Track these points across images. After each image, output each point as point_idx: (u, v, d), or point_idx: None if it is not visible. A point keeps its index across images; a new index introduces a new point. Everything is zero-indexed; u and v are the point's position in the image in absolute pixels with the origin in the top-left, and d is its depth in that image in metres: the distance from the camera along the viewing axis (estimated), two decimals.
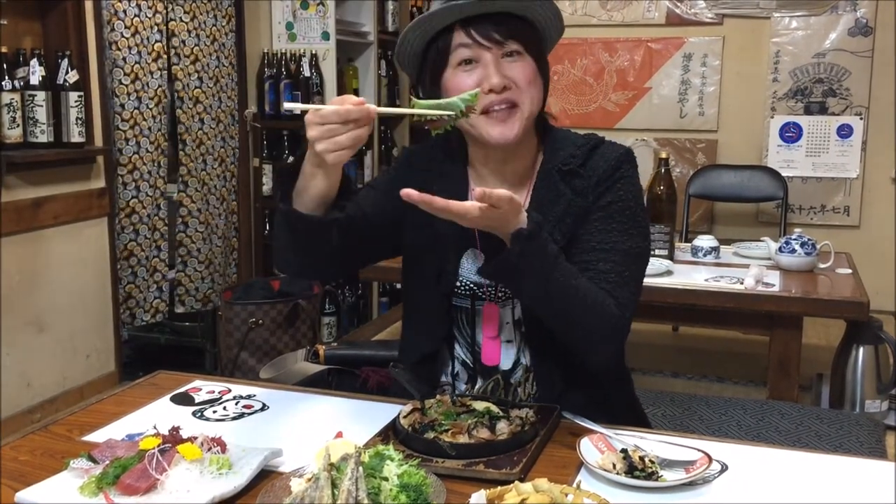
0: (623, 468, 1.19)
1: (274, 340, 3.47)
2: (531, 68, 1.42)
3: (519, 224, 1.30)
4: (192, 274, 3.97)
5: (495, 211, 1.25)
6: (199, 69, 3.94)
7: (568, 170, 1.46)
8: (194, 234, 3.96)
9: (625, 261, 1.42)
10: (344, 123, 1.26)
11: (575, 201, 1.45)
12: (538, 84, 1.44)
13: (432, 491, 1.08)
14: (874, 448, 2.15)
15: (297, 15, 4.37)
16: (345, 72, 4.64)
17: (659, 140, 5.26)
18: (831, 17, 4.87)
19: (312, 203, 1.37)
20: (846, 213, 5.00)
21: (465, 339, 1.54)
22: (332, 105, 1.26)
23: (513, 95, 1.40)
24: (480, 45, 1.40)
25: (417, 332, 1.58)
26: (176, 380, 1.64)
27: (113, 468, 1.14)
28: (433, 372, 1.57)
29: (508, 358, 1.52)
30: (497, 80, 1.39)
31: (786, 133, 4.99)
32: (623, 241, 1.42)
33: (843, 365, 3.08)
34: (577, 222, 1.44)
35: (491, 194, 1.22)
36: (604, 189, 1.44)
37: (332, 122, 1.25)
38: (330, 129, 1.26)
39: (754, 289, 2.65)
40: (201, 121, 3.98)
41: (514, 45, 1.41)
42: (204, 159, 3.99)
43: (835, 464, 1.30)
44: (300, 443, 1.31)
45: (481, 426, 1.27)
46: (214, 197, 4.08)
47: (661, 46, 5.20)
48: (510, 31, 1.40)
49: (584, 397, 1.48)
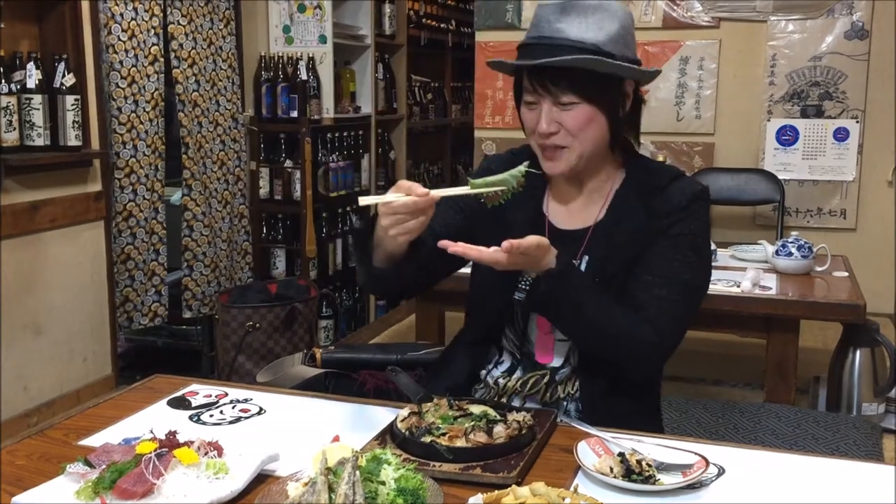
0: (620, 472, 1.20)
1: (271, 344, 3.47)
2: (584, 115, 1.50)
3: (549, 264, 1.43)
4: (198, 278, 3.97)
5: (523, 257, 1.38)
6: (196, 72, 3.94)
7: (646, 193, 1.56)
8: (199, 238, 3.96)
9: (680, 291, 1.52)
10: (412, 213, 1.36)
11: (648, 224, 1.54)
12: (595, 126, 1.52)
13: (429, 495, 1.08)
14: (871, 451, 2.15)
15: (294, 18, 4.37)
16: (342, 75, 4.64)
17: (656, 143, 5.27)
18: (828, 20, 4.88)
19: (388, 256, 1.48)
20: (843, 216, 5.00)
21: (517, 332, 1.62)
22: (400, 196, 1.35)
23: (559, 140, 1.52)
24: (538, 93, 1.51)
25: (477, 320, 1.68)
26: (173, 383, 1.64)
27: (109, 473, 1.14)
28: (484, 356, 1.65)
29: (560, 355, 1.60)
30: (545, 126, 1.51)
31: (782, 136, 5.00)
32: (684, 272, 1.53)
33: (839, 368, 3.08)
34: (645, 244, 1.54)
35: (519, 245, 1.35)
36: (676, 220, 1.54)
37: (401, 213, 1.35)
38: (399, 218, 1.36)
39: (751, 292, 2.65)
40: (199, 124, 3.98)
41: (568, 96, 1.49)
42: (204, 163, 3.99)
43: (832, 467, 1.30)
44: (297, 447, 1.31)
45: (478, 430, 1.27)
46: (216, 200, 4.07)
47: (658, 49, 5.20)
48: (565, 85, 1.49)
49: (622, 405, 1.55)
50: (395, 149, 5.22)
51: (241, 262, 4.25)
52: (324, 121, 4.40)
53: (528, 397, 1.60)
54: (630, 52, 1.52)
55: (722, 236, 4.70)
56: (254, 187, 4.36)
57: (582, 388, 1.57)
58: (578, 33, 1.47)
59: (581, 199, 1.62)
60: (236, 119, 4.20)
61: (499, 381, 1.61)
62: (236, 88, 4.21)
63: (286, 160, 4.31)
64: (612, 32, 1.49)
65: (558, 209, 1.64)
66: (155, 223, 3.80)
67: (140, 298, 3.78)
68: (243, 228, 4.26)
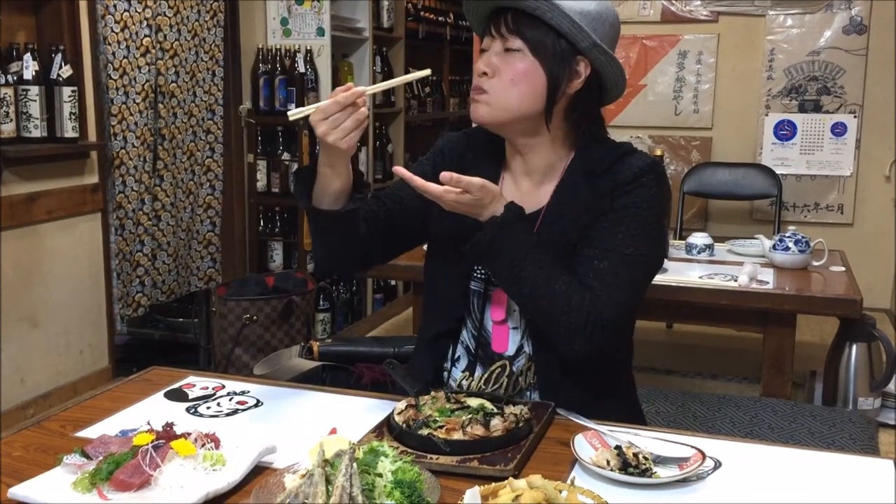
0: (617, 465, 1.20)
1: (268, 337, 3.46)
2: (522, 65, 1.46)
3: (495, 211, 1.42)
4: (161, 267, 3.94)
5: (468, 196, 1.38)
6: (176, 64, 3.91)
7: (592, 171, 1.51)
8: (165, 228, 3.93)
9: (623, 263, 1.45)
10: (343, 110, 1.38)
11: (593, 203, 1.49)
12: (528, 81, 1.47)
13: (426, 487, 1.08)
14: (867, 445, 2.15)
15: (292, 10, 4.36)
16: (340, 68, 4.63)
17: (654, 137, 5.27)
18: (826, 15, 4.88)
19: (331, 200, 1.48)
20: (840, 210, 5.01)
21: (474, 323, 1.58)
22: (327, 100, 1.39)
23: (484, 82, 1.48)
24: (491, 35, 1.49)
25: (435, 313, 1.63)
26: (170, 376, 1.64)
27: (106, 464, 1.14)
28: (441, 353, 1.61)
29: (513, 344, 1.56)
30: (481, 65, 1.48)
31: (780, 131, 5.00)
32: (627, 245, 1.46)
33: (836, 362, 3.09)
34: (592, 223, 1.49)
35: (459, 179, 1.36)
36: (621, 193, 1.48)
37: (332, 112, 1.38)
38: (334, 119, 1.39)
39: (748, 286, 2.65)
40: (175, 115, 3.94)
41: (516, 41, 1.46)
42: (175, 153, 3.97)
43: (827, 461, 1.30)
44: (294, 439, 1.31)
45: (475, 423, 1.27)
46: (181, 190, 4.04)
47: (657, 44, 5.20)
48: (516, 29, 1.46)
49: (581, 390, 1.51)
50: (393, 142, 5.21)
51: (201, 251, 4.20)
52: None
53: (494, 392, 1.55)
54: (597, 35, 1.46)
55: (719, 231, 4.72)
56: (251, 180, 4.35)
57: (538, 376, 1.53)
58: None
59: (532, 181, 1.57)
60: (213, 111, 4.16)
61: (462, 383, 1.58)
62: (218, 80, 4.16)
63: (284, 153, 4.31)
64: (589, 8, 1.45)
65: (512, 192, 1.58)
66: (141, 214, 3.78)
67: (126, 289, 3.77)
68: (209, 219, 4.21)
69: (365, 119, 1.41)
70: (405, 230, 1.62)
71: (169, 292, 3.99)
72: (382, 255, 1.63)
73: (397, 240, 1.63)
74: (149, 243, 3.85)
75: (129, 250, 3.76)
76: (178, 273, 4.03)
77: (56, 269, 3.46)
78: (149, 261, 3.86)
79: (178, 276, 4.03)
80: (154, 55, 3.76)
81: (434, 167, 1.59)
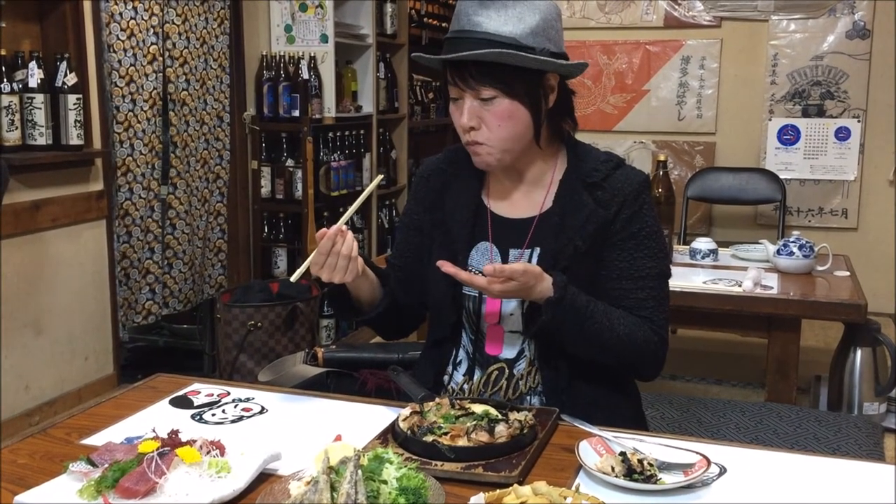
0: (621, 471, 1.20)
1: (273, 343, 3.46)
2: (504, 110, 1.50)
3: (544, 291, 1.46)
4: (177, 276, 3.96)
5: (513, 283, 1.42)
6: (187, 71, 3.93)
7: (591, 182, 1.57)
8: (181, 236, 3.95)
9: (656, 285, 1.57)
10: (328, 254, 1.47)
11: (597, 212, 1.55)
12: (515, 121, 1.51)
13: (431, 494, 1.08)
14: (872, 451, 2.15)
15: (296, 17, 4.37)
16: (343, 74, 4.64)
17: (657, 142, 5.27)
18: (829, 19, 4.88)
19: (368, 298, 1.64)
20: (844, 215, 5.00)
21: (471, 327, 1.62)
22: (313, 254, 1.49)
23: (479, 136, 1.53)
24: (459, 88, 1.51)
25: (435, 318, 1.70)
26: (175, 382, 1.64)
27: (112, 471, 1.14)
28: (443, 357, 1.65)
29: (513, 347, 1.59)
30: (465, 120, 1.52)
31: (784, 135, 5.00)
32: (653, 266, 1.56)
33: (841, 367, 3.08)
34: (597, 232, 1.55)
35: (503, 269, 1.40)
36: (630, 214, 1.56)
37: (321, 261, 1.47)
38: (327, 265, 1.47)
39: (752, 291, 2.65)
40: (187, 123, 3.96)
41: (487, 91, 1.49)
42: (188, 161, 3.98)
43: (833, 466, 1.30)
44: (299, 446, 1.32)
45: (480, 429, 1.27)
46: (196, 199, 4.06)
47: (660, 49, 5.21)
48: (483, 79, 1.48)
49: (589, 393, 1.55)
50: (397, 148, 5.22)
51: (212, 259, 4.22)
52: (325, 120, 4.40)
53: (493, 396, 1.57)
54: (552, 44, 1.49)
55: (723, 235, 4.71)
56: (255, 186, 4.36)
57: (543, 381, 1.56)
58: (496, 26, 1.46)
59: (523, 188, 1.62)
60: (222, 118, 4.18)
61: (464, 386, 1.61)
62: (225, 87, 4.18)
63: (288, 159, 4.31)
64: (533, 25, 1.46)
65: (500, 198, 1.63)
66: (150, 222, 3.80)
67: (135, 297, 3.78)
68: (219, 226, 4.24)
69: (351, 250, 1.48)
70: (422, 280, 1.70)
71: (185, 301, 3.99)
72: (420, 308, 1.75)
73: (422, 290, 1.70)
74: (160, 251, 3.86)
75: (136, 257, 3.77)
76: (193, 282, 4.04)
77: (61, 276, 3.47)
78: (160, 269, 3.87)
79: (193, 285, 4.04)
80: (162, 63, 3.78)
81: (416, 201, 1.71)
